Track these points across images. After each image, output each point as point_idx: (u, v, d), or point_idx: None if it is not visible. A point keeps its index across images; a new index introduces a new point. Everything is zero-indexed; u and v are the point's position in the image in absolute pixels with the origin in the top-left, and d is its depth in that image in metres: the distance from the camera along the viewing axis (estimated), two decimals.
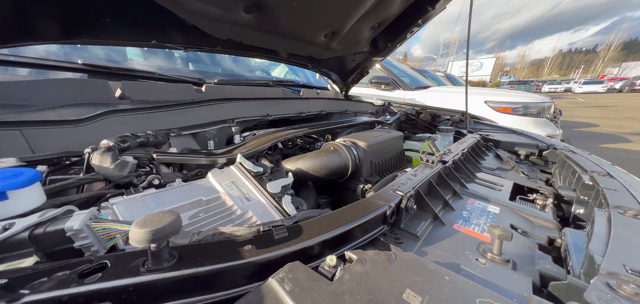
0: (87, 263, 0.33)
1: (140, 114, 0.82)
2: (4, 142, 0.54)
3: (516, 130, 1.36)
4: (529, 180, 0.81)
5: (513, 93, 3.64)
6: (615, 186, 0.64)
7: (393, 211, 0.51)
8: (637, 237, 0.43)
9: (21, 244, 0.34)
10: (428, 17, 1.53)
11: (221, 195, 0.60)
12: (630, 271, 0.35)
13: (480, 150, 1.06)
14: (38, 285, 0.28)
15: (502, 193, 0.72)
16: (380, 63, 4.08)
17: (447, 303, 0.28)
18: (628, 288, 0.31)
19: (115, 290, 0.30)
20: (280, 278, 0.32)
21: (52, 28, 0.72)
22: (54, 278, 0.30)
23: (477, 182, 0.78)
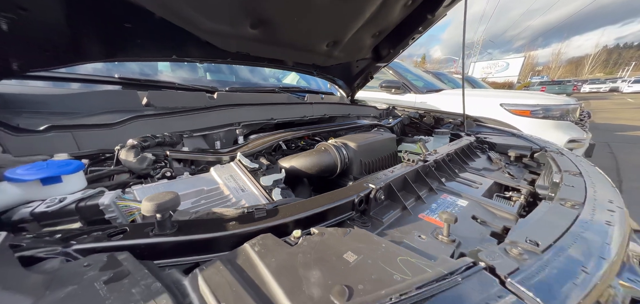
0: (113, 228, 0.44)
1: (161, 118, 0.97)
2: (60, 141, 0.70)
3: (516, 133, 1.33)
4: (511, 180, 0.82)
5: (532, 94, 3.43)
6: (576, 183, 0.65)
7: (362, 200, 0.57)
8: (559, 220, 0.46)
9: (70, 213, 0.47)
10: (428, 24, 1.57)
11: (220, 186, 0.71)
12: (527, 241, 0.38)
13: (471, 151, 1.07)
14: (81, 239, 0.40)
15: (478, 190, 0.74)
16: (391, 68, 4.09)
17: (374, 260, 0.35)
18: (516, 251, 0.35)
19: (132, 246, 0.41)
20: (253, 243, 0.41)
21: (97, 50, 0.90)
22: (92, 236, 0.41)
23: (458, 180, 0.81)
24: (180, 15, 1.00)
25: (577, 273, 0.34)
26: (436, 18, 1.55)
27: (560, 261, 0.36)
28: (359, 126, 1.56)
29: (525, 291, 0.30)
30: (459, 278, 0.30)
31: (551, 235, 0.42)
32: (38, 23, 0.69)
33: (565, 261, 0.36)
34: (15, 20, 0.64)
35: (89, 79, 1.08)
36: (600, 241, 0.41)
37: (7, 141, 0.62)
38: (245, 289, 0.31)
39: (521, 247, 0.37)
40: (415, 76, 4.33)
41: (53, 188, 0.51)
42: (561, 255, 0.37)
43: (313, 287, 0.31)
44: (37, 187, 0.49)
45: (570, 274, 0.34)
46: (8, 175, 0.47)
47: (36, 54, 0.76)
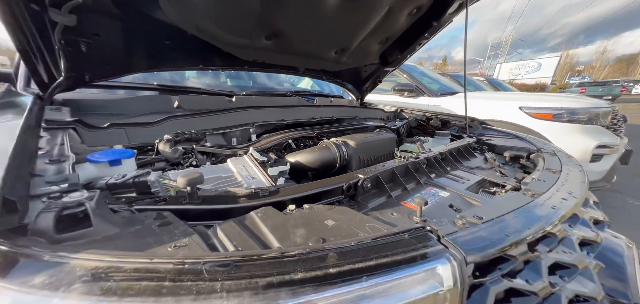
0: (157, 198, 0.60)
1: (189, 119, 1.16)
2: (117, 135, 0.90)
3: (521, 136, 1.32)
4: (500, 177, 0.86)
5: (557, 97, 3.23)
6: (549, 179, 0.71)
7: (350, 187, 0.67)
8: (511, 204, 0.53)
9: (129, 185, 0.64)
10: (434, 30, 1.62)
11: (235, 174, 0.86)
12: (474, 216, 0.46)
13: (468, 151, 1.11)
14: (138, 202, 0.56)
15: (464, 185, 0.80)
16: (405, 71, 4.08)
17: (347, 225, 0.45)
18: (461, 222, 0.44)
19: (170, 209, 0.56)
20: (256, 212, 0.53)
21: (143, 63, 1.11)
22: (144, 201, 0.57)
23: (448, 177, 0.87)
24: (207, 32, 1.19)
25: (503, 240, 0.41)
26: (442, 25, 1.60)
27: (492, 229, 0.43)
28: (363, 127, 1.65)
29: (452, 243, 0.38)
30: (406, 235, 0.40)
31: (497, 212, 0.49)
32: (104, 44, 0.91)
33: (496, 230, 0.43)
34: (90, 44, 0.84)
35: (135, 86, 1.31)
36: (535, 218, 0.48)
37: (83, 135, 0.82)
38: (249, 236, 0.43)
39: (467, 220, 0.45)
40: (430, 79, 4.27)
41: (116, 169, 0.69)
42: (495, 226, 0.44)
43: (298, 238, 0.42)
44: (105, 167, 0.67)
45: (496, 239, 0.41)
46: (89, 157, 0.65)
47: (100, 68, 0.98)
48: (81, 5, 0.69)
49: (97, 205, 0.42)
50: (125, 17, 0.89)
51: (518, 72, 29.95)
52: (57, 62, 0.84)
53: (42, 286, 0.26)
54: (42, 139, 0.65)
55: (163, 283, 0.29)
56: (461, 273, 0.35)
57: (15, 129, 0.55)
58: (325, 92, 2.45)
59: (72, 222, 0.38)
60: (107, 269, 0.30)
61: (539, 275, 0.42)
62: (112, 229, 0.40)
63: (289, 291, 0.30)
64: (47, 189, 0.44)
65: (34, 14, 0.69)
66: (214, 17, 1.09)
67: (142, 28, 0.98)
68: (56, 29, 0.73)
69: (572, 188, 0.65)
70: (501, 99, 3.32)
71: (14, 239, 0.31)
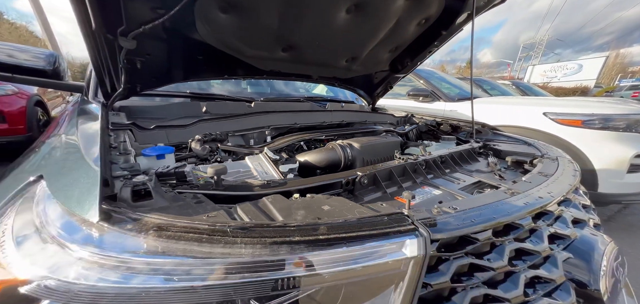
0: (192, 184, 0.76)
1: (214, 122, 1.35)
2: (159, 135, 1.11)
3: (529, 141, 1.30)
4: (498, 180, 0.89)
5: (588, 101, 2.98)
6: (536, 181, 0.75)
7: (349, 182, 0.78)
8: (488, 199, 0.58)
9: (171, 174, 0.81)
10: (444, 39, 1.67)
11: (251, 169, 1.00)
12: (450, 208, 0.53)
13: (470, 156, 1.14)
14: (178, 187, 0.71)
15: (458, 185, 0.85)
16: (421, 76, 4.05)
17: (340, 210, 0.55)
18: (436, 210, 0.51)
19: (202, 193, 0.71)
20: (267, 198, 0.66)
21: (180, 74, 1.32)
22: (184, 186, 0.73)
23: (445, 178, 0.92)
24: (232, 47, 1.37)
25: (467, 225, 0.48)
26: (451, 34, 1.64)
27: (462, 217, 0.50)
28: (371, 131, 1.73)
29: (421, 224, 0.47)
30: (385, 217, 0.49)
31: (471, 205, 0.55)
32: (153, 61, 1.12)
33: (465, 217, 0.50)
34: (144, 61, 1.06)
35: (172, 94, 1.55)
36: (503, 211, 0.53)
37: (136, 134, 1.03)
38: (260, 213, 0.56)
39: (442, 209, 0.53)
40: (449, 84, 4.18)
41: (161, 161, 0.86)
42: (465, 214, 0.51)
43: (298, 216, 0.54)
44: (154, 160, 0.85)
45: (461, 224, 0.48)
46: (143, 152, 0.84)
47: (149, 80, 1.20)
48: (141, 33, 0.90)
49: (154, 185, 0.57)
50: (169, 39, 1.10)
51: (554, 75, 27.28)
52: (119, 76, 1.06)
53: (131, 230, 0.41)
54: (111, 137, 0.86)
55: (202, 235, 0.42)
56: (425, 246, 0.43)
57: (97, 130, 0.74)
58: (338, 98, 2.57)
59: (140, 196, 0.54)
60: (167, 225, 0.44)
61: (500, 257, 0.48)
62: (164, 202, 0.55)
63: (288, 247, 0.42)
64: (121, 172, 0.61)
65: (108, 42, 0.91)
66: (239, 34, 1.27)
67: (180, 47, 1.19)
68: (122, 52, 0.95)
69: (554, 189, 0.68)
70: (523, 104, 3.15)
71: (110, 203, 0.46)
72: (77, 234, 0.39)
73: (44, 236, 0.38)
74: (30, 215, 0.43)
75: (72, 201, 0.44)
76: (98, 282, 0.33)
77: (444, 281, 0.45)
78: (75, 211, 0.42)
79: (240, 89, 2.19)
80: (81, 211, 0.42)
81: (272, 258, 0.41)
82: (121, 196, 0.50)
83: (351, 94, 2.70)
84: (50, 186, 0.48)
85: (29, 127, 3.54)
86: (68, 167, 0.55)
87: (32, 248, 0.37)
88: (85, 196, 0.45)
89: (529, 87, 6.77)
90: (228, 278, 0.38)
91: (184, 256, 0.38)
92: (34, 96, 3.82)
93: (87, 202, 0.43)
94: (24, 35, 17.27)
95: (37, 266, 0.35)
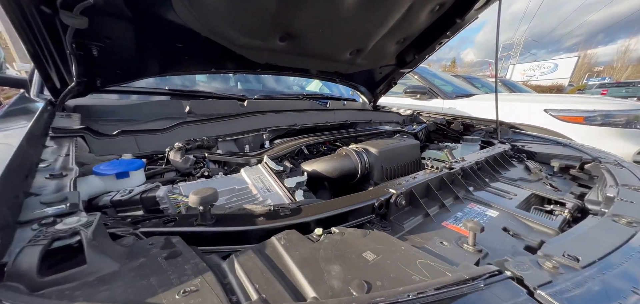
0: (166, 216, 0.53)
1: (200, 124, 1.11)
2: (126, 143, 0.86)
3: (563, 142, 1.18)
4: (554, 192, 0.73)
5: (588, 98, 2.99)
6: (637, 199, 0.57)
7: (382, 204, 0.58)
8: (608, 237, 0.41)
9: (136, 202, 0.58)
10: (457, 28, 1.51)
11: (249, 186, 0.78)
12: (565, 255, 0.35)
13: (505, 160, 0.99)
14: (145, 224, 0.49)
15: (512, 201, 0.69)
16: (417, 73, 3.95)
17: (392, 260, 0.36)
18: (550, 264, 0.33)
19: (181, 233, 0.48)
20: (278, 237, 0.45)
21: (155, 67, 1.07)
22: (152, 222, 0.50)
23: (488, 190, 0.76)
24: (221, 34, 1.14)
25: (626, 294, 0.30)
26: (466, 22, 1.49)
27: (604, 279, 0.33)
28: (380, 132, 1.55)
29: (552, 301, 0.28)
30: (481, 284, 0.30)
31: (596, 251, 0.38)
32: (115, 48, 0.87)
33: (611, 280, 0.33)
34: (102, 47, 0.81)
35: (146, 91, 1.28)
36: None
37: (92, 143, 0.78)
38: (273, 276, 0.35)
39: (557, 261, 0.35)
40: (443, 81, 4.11)
41: (123, 182, 0.63)
42: (607, 274, 0.34)
43: (334, 280, 0.34)
44: (112, 180, 0.62)
45: (616, 294, 0.31)
46: (95, 169, 0.59)
47: (112, 73, 0.94)
48: (92, 7, 0.65)
49: (95, 233, 0.35)
50: (136, 19, 0.85)
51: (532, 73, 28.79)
52: (69, 67, 0.80)
53: None
54: (47, 149, 0.61)
55: None
56: None
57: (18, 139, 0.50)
58: (335, 95, 2.37)
59: (64, 257, 0.31)
60: None
61: None
62: (110, 265, 0.32)
63: None
64: (40, 213, 0.38)
65: (45, 17, 0.65)
66: (229, 17, 1.03)
67: (154, 30, 0.94)
68: (67, 32, 0.69)
69: None
70: (523, 101, 3.12)
71: None
72: None
73: None
74: None
75: None
76: None
77: None
78: None
79: (229, 87, 1.93)
80: None
81: None
82: (16, 267, 0.27)
83: (348, 91, 2.51)
84: None
85: None
86: None
87: None
88: None
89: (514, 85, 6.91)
90: None
91: None
92: None
93: None
94: None
95: None
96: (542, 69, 28.45)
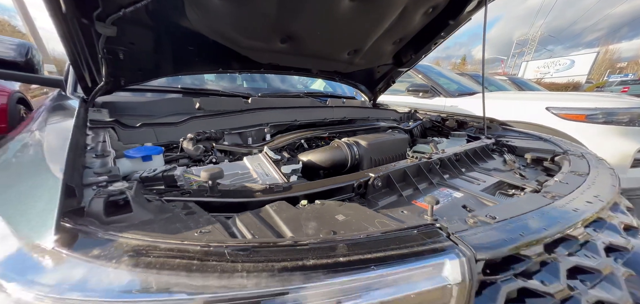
0: (182, 190, 0.66)
1: (209, 119, 1.24)
2: (146, 134, 1.00)
3: (545, 137, 1.24)
4: (519, 180, 0.82)
5: (590, 96, 2.96)
6: (573, 181, 0.67)
7: (361, 185, 0.69)
8: (528, 205, 0.50)
9: (158, 179, 0.70)
10: (451, 29, 1.58)
11: (250, 171, 0.91)
12: (487, 216, 0.45)
13: (485, 153, 1.07)
14: (167, 194, 0.62)
15: (479, 187, 0.78)
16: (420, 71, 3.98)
17: (357, 219, 0.47)
18: (472, 221, 0.43)
19: (194, 201, 0.61)
20: (271, 205, 0.57)
21: (169, 67, 1.21)
22: (172, 194, 0.63)
23: (462, 178, 0.85)
24: (227, 37, 1.26)
25: (516, 239, 0.40)
26: (459, 23, 1.55)
27: (505, 229, 0.43)
28: (375, 128, 1.65)
29: (461, 240, 0.39)
30: (415, 231, 0.41)
31: (511, 213, 0.47)
32: (137, 52, 1.01)
33: (509, 229, 0.42)
34: (127, 51, 0.94)
35: (161, 89, 1.43)
36: (553, 220, 0.46)
37: (119, 133, 0.92)
38: (264, 227, 0.46)
39: (479, 219, 0.45)
40: (447, 79, 4.12)
41: (147, 164, 0.76)
42: (509, 225, 0.43)
43: (309, 229, 0.45)
44: (139, 162, 0.75)
45: (509, 238, 0.41)
46: (125, 153, 0.73)
47: (134, 73, 1.08)
48: (121, 18, 0.78)
49: (135, 194, 0.47)
50: (156, 26, 0.98)
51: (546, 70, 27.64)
52: (99, 68, 0.94)
53: (98, 257, 0.31)
54: (88, 136, 0.75)
55: (192, 261, 0.33)
56: (470, 269, 0.35)
57: (69, 128, 0.63)
58: (337, 93, 2.47)
59: (117, 208, 0.44)
60: (147, 247, 0.34)
61: (556, 277, 0.41)
62: (147, 215, 0.45)
63: (301, 275, 0.33)
64: (95, 179, 0.51)
65: (83, 27, 0.79)
66: (234, 22, 1.15)
67: (169, 36, 1.08)
68: (100, 39, 0.83)
69: (600, 191, 0.61)
70: (525, 99, 3.12)
71: (75, 219, 0.36)
72: (20, 266, 0.29)
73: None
74: None
75: (22, 218, 0.35)
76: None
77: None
78: (23, 233, 0.32)
79: (235, 85, 2.07)
80: (31, 232, 0.32)
81: (282, 289, 0.32)
82: (90, 209, 0.40)
83: (350, 89, 2.60)
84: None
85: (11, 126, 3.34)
86: (25, 174, 0.45)
87: None
88: (39, 212, 0.35)
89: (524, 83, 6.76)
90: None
91: (167, 293, 0.29)
92: (15, 93, 3.59)
93: (41, 220, 0.34)
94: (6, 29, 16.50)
95: None
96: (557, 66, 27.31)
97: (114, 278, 0.29)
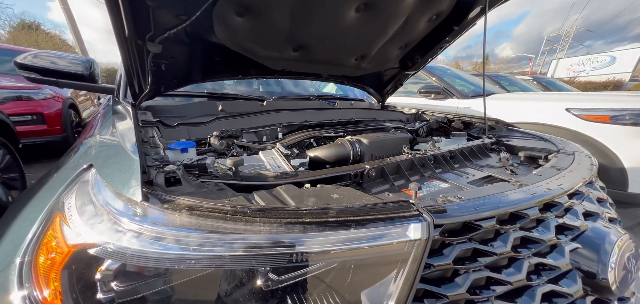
0: (212, 175, 0.83)
1: (230, 119, 1.43)
2: (181, 132, 1.20)
3: (547, 137, 1.26)
4: (508, 175, 0.88)
5: (617, 96, 2.77)
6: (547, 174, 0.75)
7: (357, 174, 0.81)
8: (495, 190, 0.59)
9: (194, 166, 0.88)
10: (456, 34, 1.65)
11: (265, 163, 1.07)
12: (456, 197, 0.55)
13: (481, 151, 1.13)
14: (201, 177, 0.79)
15: (466, 179, 0.86)
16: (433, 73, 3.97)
17: (348, 198, 0.59)
18: (441, 200, 0.53)
19: (222, 182, 0.77)
20: (281, 187, 0.71)
21: (198, 75, 1.42)
22: (205, 177, 0.80)
23: (454, 172, 0.93)
24: (246, 48, 1.45)
25: (471, 213, 0.50)
26: (463, 29, 1.61)
27: (466, 205, 0.52)
28: (380, 128, 1.75)
29: (425, 210, 0.50)
30: (391, 205, 0.53)
31: (476, 195, 0.57)
32: (175, 64, 1.22)
33: (468, 206, 0.52)
34: (167, 64, 1.16)
35: (190, 94, 1.66)
36: (508, 201, 0.54)
37: (162, 131, 1.13)
38: (275, 199, 0.61)
39: (448, 199, 0.55)
40: (463, 81, 4.05)
41: (185, 155, 0.95)
42: (470, 203, 0.53)
43: (309, 203, 0.59)
44: (178, 153, 0.94)
45: (465, 212, 0.50)
46: (170, 146, 0.92)
47: (171, 81, 1.30)
48: (166, 38, 0.98)
49: (183, 174, 0.64)
50: (190, 42, 1.19)
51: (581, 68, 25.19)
52: (146, 78, 1.16)
53: (168, 210, 0.47)
54: (142, 133, 0.95)
55: (226, 215, 0.48)
56: (428, 231, 0.47)
57: (130, 126, 0.83)
58: (347, 96, 2.60)
59: (171, 182, 0.61)
60: (196, 206, 0.50)
61: (504, 244, 0.50)
62: (192, 189, 0.62)
63: (300, 227, 0.47)
64: (154, 163, 0.69)
65: (138, 47, 1.00)
66: (253, 36, 1.33)
67: (200, 49, 1.28)
68: (149, 55, 1.04)
69: (565, 182, 0.67)
70: (543, 100, 3.00)
71: (149, 187, 0.54)
72: (126, 211, 0.46)
73: (100, 211, 0.46)
74: (88, 195, 0.51)
75: (119, 185, 0.52)
76: (145, 248, 0.40)
77: (446, 263, 0.47)
78: (124, 195, 0.50)
79: (252, 89, 2.28)
80: (127, 193, 0.50)
81: (287, 234, 0.46)
82: (156, 182, 0.57)
83: (360, 92, 2.71)
84: (99, 173, 0.56)
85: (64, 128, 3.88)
86: (112, 158, 0.64)
87: (93, 221, 0.45)
88: (129, 181, 0.52)
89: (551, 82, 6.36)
90: (249, 251, 0.43)
91: (212, 231, 0.44)
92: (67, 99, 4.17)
93: (130, 186, 0.51)
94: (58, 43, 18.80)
95: (100, 234, 0.42)
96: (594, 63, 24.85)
97: (176, 219, 0.45)
